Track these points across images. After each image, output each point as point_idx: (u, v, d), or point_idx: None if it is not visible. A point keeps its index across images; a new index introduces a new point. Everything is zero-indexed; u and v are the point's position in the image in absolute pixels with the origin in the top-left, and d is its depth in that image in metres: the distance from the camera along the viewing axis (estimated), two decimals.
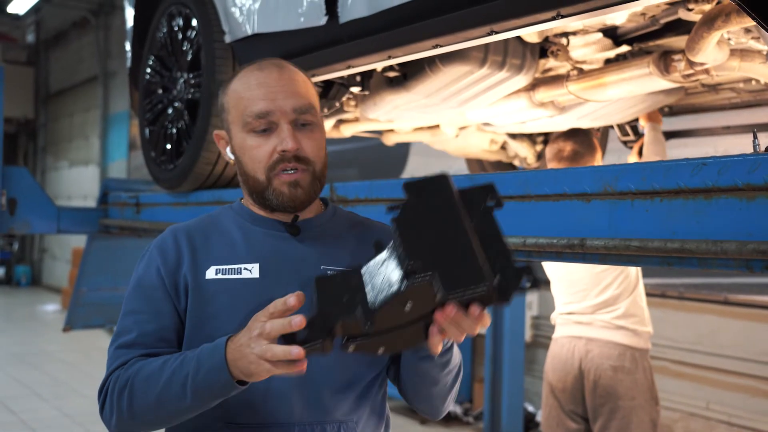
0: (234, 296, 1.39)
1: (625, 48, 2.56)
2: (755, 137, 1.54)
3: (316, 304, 1.20)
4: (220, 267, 1.41)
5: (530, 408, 5.82)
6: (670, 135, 3.52)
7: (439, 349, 1.22)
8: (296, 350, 1.14)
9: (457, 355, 1.44)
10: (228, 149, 1.50)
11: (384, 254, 1.22)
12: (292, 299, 1.18)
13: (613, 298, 3.16)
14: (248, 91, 1.43)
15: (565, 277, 3.30)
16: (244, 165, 1.45)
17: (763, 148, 1.50)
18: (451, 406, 1.55)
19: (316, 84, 2.59)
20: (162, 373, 1.30)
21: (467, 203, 1.21)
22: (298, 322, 1.15)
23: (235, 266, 1.41)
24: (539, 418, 5.82)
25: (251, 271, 1.41)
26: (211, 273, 1.41)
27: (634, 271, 3.17)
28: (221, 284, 1.40)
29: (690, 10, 2.07)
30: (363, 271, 1.22)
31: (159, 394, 1.29)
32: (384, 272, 1.19)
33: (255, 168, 1.42)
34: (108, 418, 1.37)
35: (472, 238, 1.16)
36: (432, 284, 1.12)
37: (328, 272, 1.41)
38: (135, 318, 1.42)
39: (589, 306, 3.21)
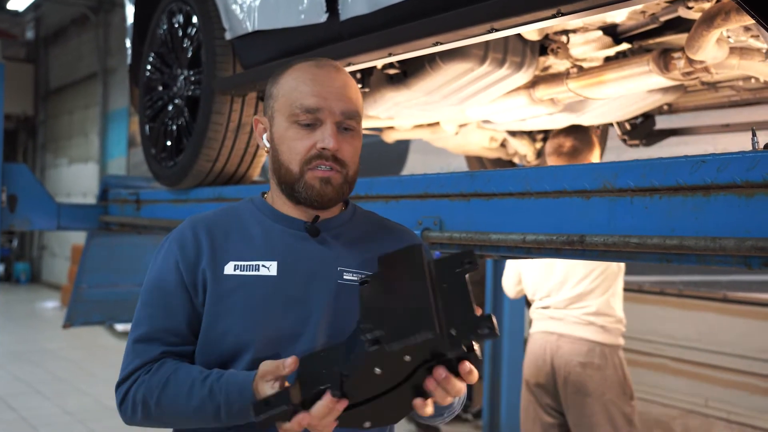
0: (250, 293, 1.40)
1: (625, 46, 2.56)
2: (754, 135, 1.55)
3: (296, 379, 1.25)
4: (239, 263, 1.42)
5: None
6: (669, 133, 3.52)
7: (429, 411, 1.24)
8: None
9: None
10: (265, 136, 1.51)
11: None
12: (288, 362, 1.24)
13: (586, 292, 3.23)
14: (303, 84, 1.44)
15: (544, 268, 3.36)
16: (280, 154, 1.46)
17: (761, 146, 1.50)
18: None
19: None
20: (190, 399, 1.33)
21: (441, 269, 1.23)
22: (289, 362, 1.24)
23: (254, 263, 1.42)
24: None
25: (269, 268, 1.42)
26: (229, 268, 1.42)
27: (615, 272, 3.24)
28: (239, 280, 1.41)
29: (690, 8, 2.07)
30: (346, 342, 1.25)
31: (192, 415, 1.34)
32: (358, 342, 1.22)
33: (291, 158, 1.43)
34: (130, 414, 1.41)
35: (432, 297, 1.18)
36: (382, 344, 1.15)
37: (344, 274, 1.44)
38: (150, 312, 1.44)
39: (563, 300, 3.29)
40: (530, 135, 3.79)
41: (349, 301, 1.42)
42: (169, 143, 3.42)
